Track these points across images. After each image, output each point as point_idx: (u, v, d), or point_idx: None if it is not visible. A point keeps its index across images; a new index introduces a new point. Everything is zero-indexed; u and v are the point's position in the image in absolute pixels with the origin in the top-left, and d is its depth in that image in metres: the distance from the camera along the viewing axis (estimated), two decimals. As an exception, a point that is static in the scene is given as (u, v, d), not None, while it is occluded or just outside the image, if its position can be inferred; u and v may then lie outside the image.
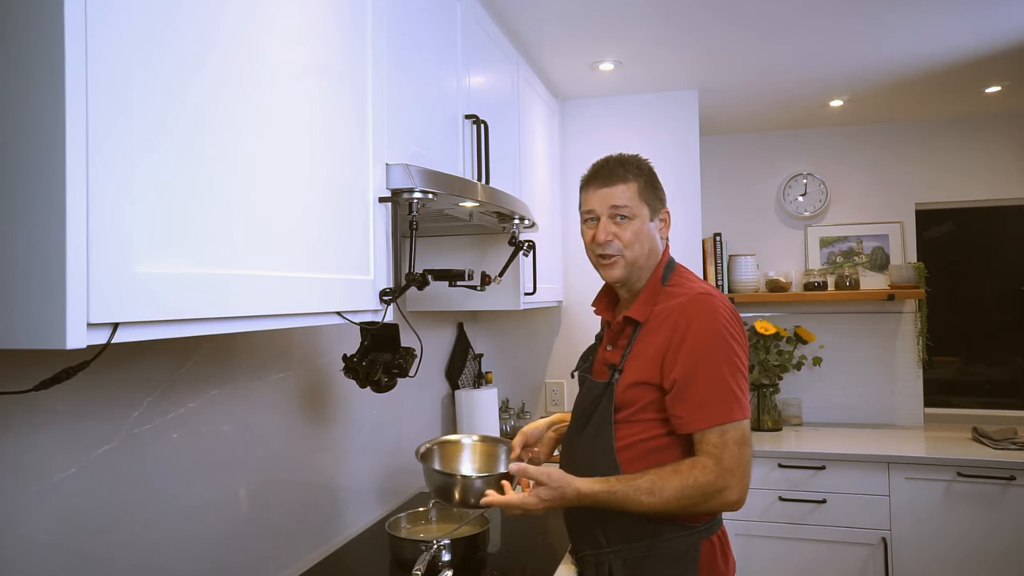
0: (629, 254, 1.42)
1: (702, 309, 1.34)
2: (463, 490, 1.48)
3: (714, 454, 1.27)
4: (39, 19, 0.66)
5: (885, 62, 2.61)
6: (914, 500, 2.68)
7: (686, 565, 1.35)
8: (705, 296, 1.36)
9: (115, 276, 0.70)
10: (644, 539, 1.35)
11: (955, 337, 3.49)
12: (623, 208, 1.41)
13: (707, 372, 1.29)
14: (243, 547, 1.50)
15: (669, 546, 1.35)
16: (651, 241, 1.45)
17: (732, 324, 1.34)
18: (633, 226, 1.41)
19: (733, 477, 1.27)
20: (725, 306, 1.36)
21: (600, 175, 1.45)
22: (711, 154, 3.59)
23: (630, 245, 1.42)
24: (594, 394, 1.43)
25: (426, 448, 1.66)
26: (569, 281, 3.01)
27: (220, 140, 0.87)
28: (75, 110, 0.66)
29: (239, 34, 0.92)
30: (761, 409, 3.21)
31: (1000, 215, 3.45)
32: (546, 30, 2.29)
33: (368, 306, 1.23)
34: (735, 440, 1.27)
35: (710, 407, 1.28)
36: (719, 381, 1.29)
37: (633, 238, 1.41)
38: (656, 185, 1.47)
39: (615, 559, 1.38)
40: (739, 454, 1.27)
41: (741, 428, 1.29)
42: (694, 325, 1.32)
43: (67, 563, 1.08)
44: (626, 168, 1.43)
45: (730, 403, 1.28)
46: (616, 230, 1.42)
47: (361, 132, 1.23)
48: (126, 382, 1.20)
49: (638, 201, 1.42)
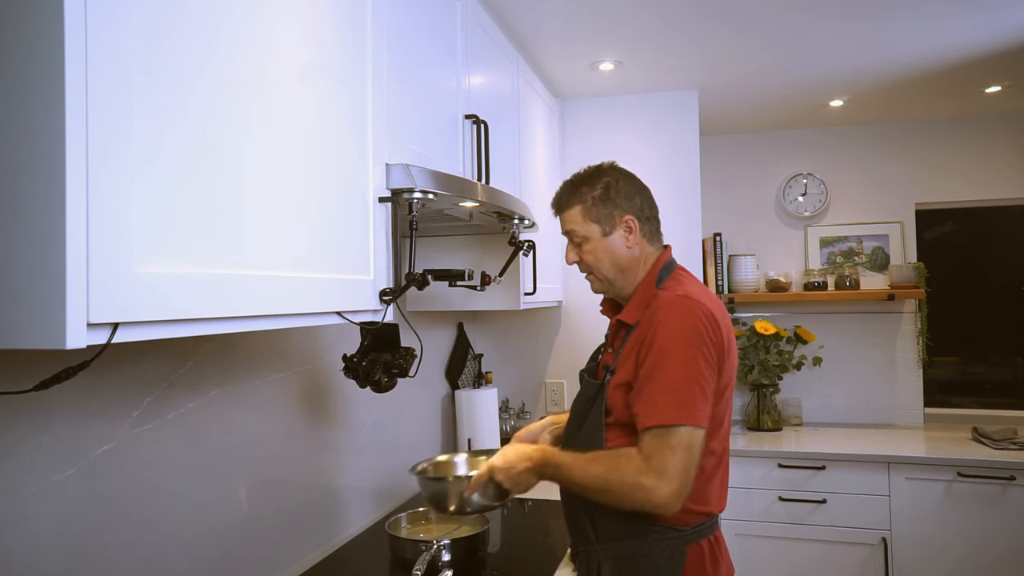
0: (598, 272, 1.47)
1: (675, 310, 1.31)
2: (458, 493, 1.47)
3: (646, 451, 1.23)
4: (40, 18, 0.66)
5: (885, 62, 2.61)
6: (914, 500, 2.68)
7: (672, 569, 1.32)
8: (682, 299, 1.33)
9: (115, 276, 0.70)
10: (631, 538, 1.34)
11: (955, 337, 3.50)
12: (573, 233, 1.46)
13: (664, 372, 1.26)
14: (243, 547, 1.50)
15: (656, 547, 1.33)
16: (612, 254, 1.44)
17: (706, 329, 1.29)
18: (588, 247, 1.45)
19: (661, 479, 1.21)
20: (704, 311, 1.31)
21: (554, 202, 1.51)
22: (711, 154, 3.59)
23: (593, 265, 1.46)
24: (589, 394, 1.44)
25: (421, 468, 1.68)
26: (569, 281, 3.01)
27: (220, 141, 0.87)
28: (75, 110, 0.66)
29: (239, 36, 0.92)
30: (761, 409, 3.21)
31: (1000, 215, 3.45)
32: (546, 30, 2.30)
33: (368, 306, 1.23)
34: (673, 444, 1.22)
35: (657, 407, 1.25)
36: (672, 383, 1.25)
37: (592, 259, 1.46)
38: (608, 196, 1.44)
39: (604, 557, 1.38)
40: (673, 458, 1.21)
41: (685, 433, 1.23)
42: (664, 325, 1.29)
43: (67, 563, 1.08)
44: (572, 192, 1.47)
45: (680, 406, 1.24)
46: (577, 254, 1.48)
47: (361, 132, 1.23)
48: (126, 382, 1.20)
49: (583, 222, 1.45)
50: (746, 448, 2.84)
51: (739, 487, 2.81)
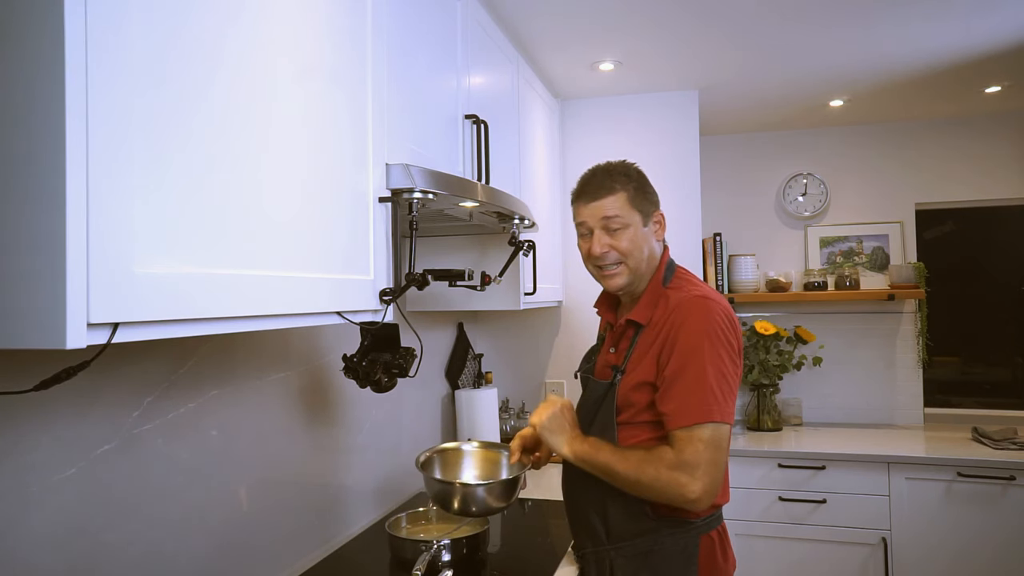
0: (631, 262, 1.43)
1: (697, 311, 1.34)
2: (463, 499, 1.48)
3: (678, 447, 1.28)
4: (42, 20, 0.66)
5: (885, 62, 2.61)
6: (914, 500, 2.68)
7: (686, 562, 1.35)
8: (702, 299, 1.36)
9: (115, 276, 0.70)
10: (644, 535, 1.36)
11: (955, 337, 3.49)
12: (615, 219, 1.41)
13: (692, 372, 1.29)
14: (243, 547, 1.50)
15: (669, 542, 1.35)
16: (648, 246, 1.45)
17: (726, 329, 1.33)
18: (628, 234, 1.41)
19: (694, 473, 1.26)
20: (722, 310, 1.35)
21: (589, 188, 1.45)
22: (711, 154, 3.59)
23: (629, 253, 1.42)
24: (597, 394, 1.44)
25: (426, 457, 1.66)
26: (569, 281, 3.01)
27: (221, 142, 0.87)
28: (75, 110, 0.66)
29: (239, 38, 0.92)
30: (761, 409, 3.21)
31: (1000, 215, 3.45)
32: (546, 30, 2.29)
33: (368, 306, 1.23)
34: (704, 439, 1.27)
35: (689, 406, 1.28)
36: (701, 382, 1.29)
37: (630, 246, 1.42)
38: (647, 189, 1.46)
39: (617, 556, 1.38)
40: (705, 453, 1.26)
41: (714, 429, 1.28)
42: (687, 326, 1.32)
43: (67, 563, 1.08)
44: (613, 178, 1.43)
45: (707, 403, 1.28)
46: (611, 240, 1.42)
47: (361, 132, 1.23)
48: (126, 382, 1.20)
49: (629, 209, 1.42)
50: (746, 448, 2.84)
51: (739, 487, 2.80)
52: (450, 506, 1.50)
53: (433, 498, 1.54)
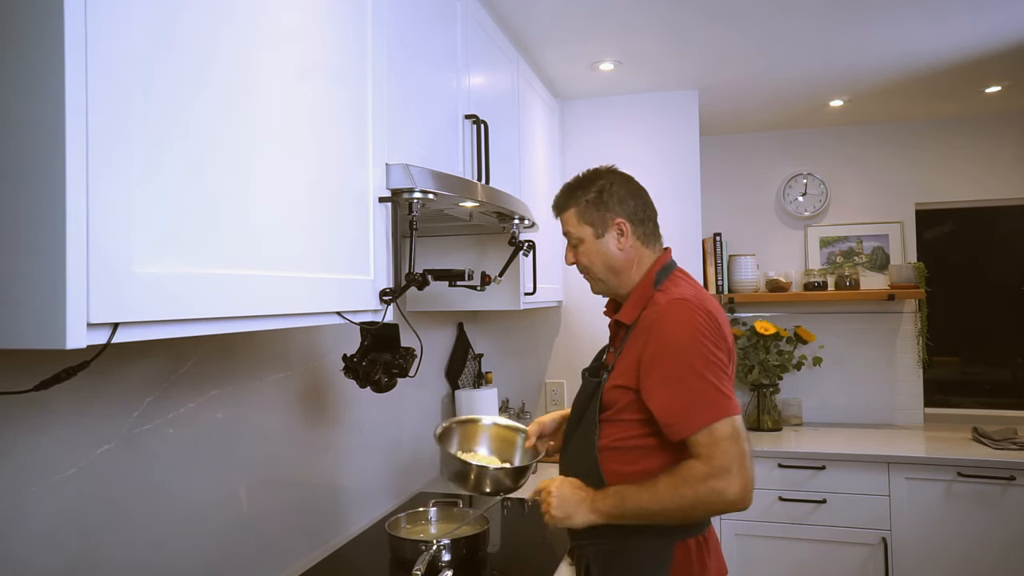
0: (594, 272, 1.50)
1: (671, 315, 1.32)
2: (478, 478, 1.51)
3: (704, 455, 1.26)
4: (42, 20, 0.66)
5: (885, 62, 2.61)
6: (914, 500, 2.68)
7: (657, 566, 1.33)
8: (679, 301, 1.34)
9: (115, 276, 0.70)
10: (618, 534, 1.35)
11: (955, 337, 3.49)
12: (570, 235, 1.51)
13: (684, 376, 1.28)
14: (243, 546, 1.50)
15: (642, 543, 1.34)
16: (605, 256, 1.47)
17: (706, 326, 1.31)
18: (583, 248, 1.50)
19: (729, 474, 1.25)
20: (701, 310, 1.33)
21: (553, 206, 1.56)
22: (711, 154, 3.59)
23: (587, 267, 1.51)
24: (587, 392, 1.46)
25: (444, 428, 1.67)
26: (569, 281, 3.01)
27: (220, 142, 0.87)
28: (75, 110, 0.66)
29: (239, 37, 0.92)
30: (761, 409, 3.21)
31: (1000, 215, 3.45)
32: (546, 30, 2.29)
33: (368, 306, 1.24)
34: (725, 436, 1.26)
35: (694, 410, 1.27)
36: (697, 382, 1.27)
37: (586, 260, 1.50)
38: (602, 200, 1.46)
39: (594, 552, 1.39)
40: (732, 450, 1.26)
41: (730, 424, 1.27)
42: (663, 332, 1.31)
43: (67, 563, 1.08)
44: (568, 195, 1.51)
45: (713, 401, 1.27)
46: (573, 255, 1.52)
47: (361, 133, 1.23)
48: (126, 382, 1.20)
49: (578, 224, 1.49)
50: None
51: (739, 487, 2.80)
52: (465, 482, 1.52)
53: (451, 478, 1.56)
